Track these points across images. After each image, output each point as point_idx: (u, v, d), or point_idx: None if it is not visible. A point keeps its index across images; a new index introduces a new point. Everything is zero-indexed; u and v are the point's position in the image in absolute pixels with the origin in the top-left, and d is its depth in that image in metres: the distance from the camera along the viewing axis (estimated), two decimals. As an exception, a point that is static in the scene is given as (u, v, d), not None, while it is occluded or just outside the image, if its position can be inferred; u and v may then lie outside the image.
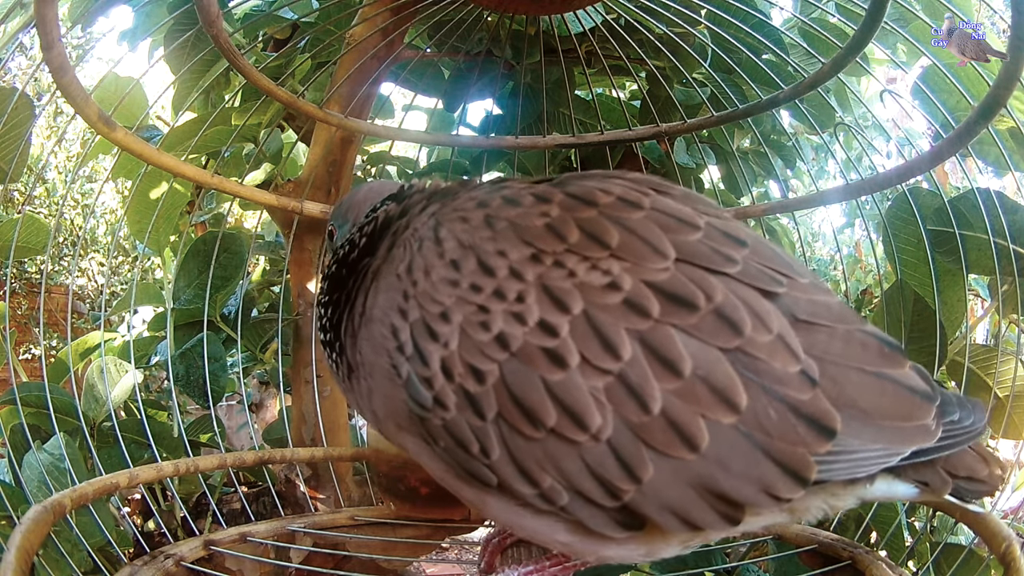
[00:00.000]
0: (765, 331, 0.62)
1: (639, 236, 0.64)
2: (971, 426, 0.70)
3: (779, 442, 0.61)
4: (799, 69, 1.33)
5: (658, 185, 0.72)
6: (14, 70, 4.60)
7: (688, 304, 0.62)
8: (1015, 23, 0.81)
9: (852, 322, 0.68)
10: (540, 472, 0.62)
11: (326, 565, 1.22)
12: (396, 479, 1.22)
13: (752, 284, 0.64)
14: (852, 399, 0.64)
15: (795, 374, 0.62)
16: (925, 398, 0.67)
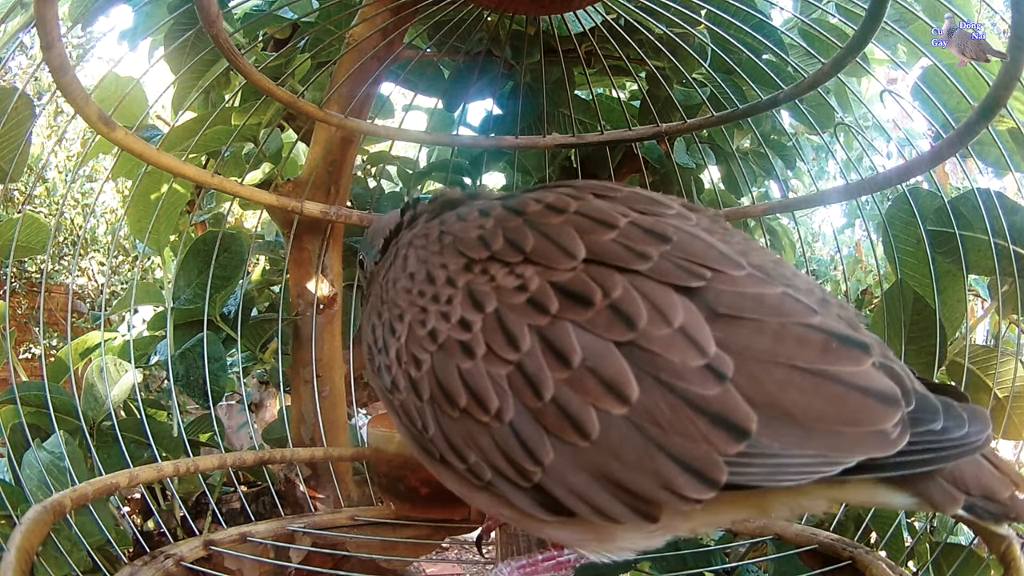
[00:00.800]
0: (664, 325, 0.63)
1: (552, 240, 0.69)
2: (962, 439, 0.61)
3: (675, 437, 0.61)
4: (799, 69, 1.33)
5: (601, 189, 0.75)
6: (14, 69, 4.61)
7: (585, 301, 0.65)
8: (1015, 23, 0.81)
9: (794, 315, 0.64)
10: (466, 448, 0.69)
11: (326, 565, 1.22)
12: (396, 479, 1.22)
13: (663, 279, 0.65)
14: (774, 398, 0.61)
15: (697, 368, 0.62)
16: (883, 401, 0.61)
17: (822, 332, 0.63)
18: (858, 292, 3.26)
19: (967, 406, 0.65)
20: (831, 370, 0.61)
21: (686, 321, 0.63)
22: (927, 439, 0.61)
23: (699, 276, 0.65)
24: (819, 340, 0.63)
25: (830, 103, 1.45)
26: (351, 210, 1.53)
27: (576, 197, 0.73)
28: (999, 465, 0.66)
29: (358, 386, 2.17)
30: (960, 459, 0.63)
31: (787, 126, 1.93)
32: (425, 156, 2.19)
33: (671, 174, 1.81)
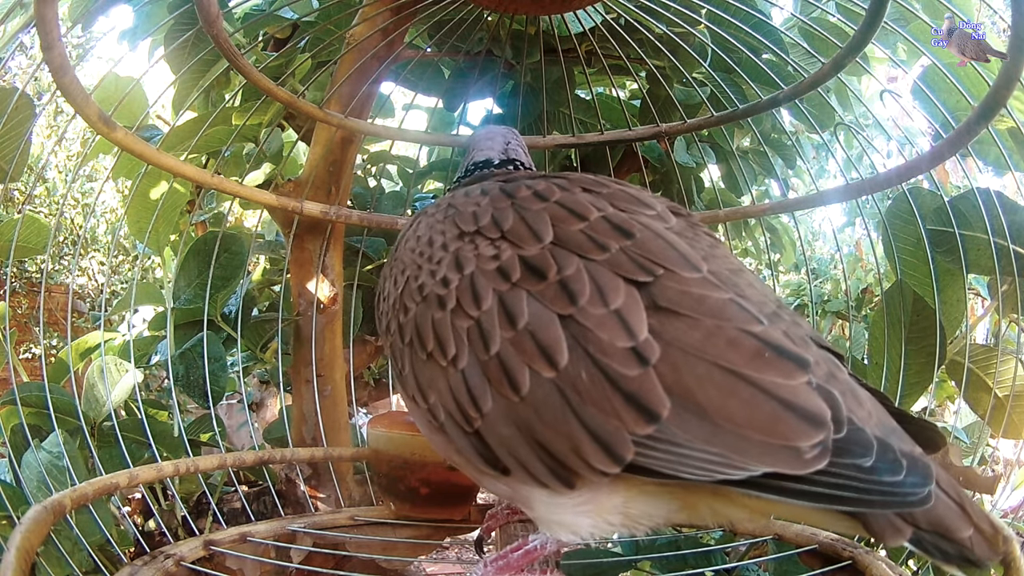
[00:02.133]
0: (602, 305, 0.67)
1: (528, 223, 0.75)
2: (892, 485, 0.59)
3: (590, 407, 0.64)
4: (799, 69, 1.32)
5: (592, 184, 0.81)
6: (14, 69, 4.61)
7: (540, 274, 0.70)
8: (1015, 23, 0.81)
9: (732, 319, 0.65)
10: (428, 389, 0.75)
11: (326, 565, 1.22)
12: (396, 479, 1.23)
13: (615, 269, 0.69)
14: (690, 391, 0.62)
15: (623, 349, 0.64)
16: (805, 418, 0.60)
17: (757, 340, 0.64)
18: (858, 290, 3.27)
19: (917, 456, 0.62)
20: (755, 376, 0.62)
21: (623, 305, 0.66)
22: (848, 473, 0.60)
23: (649, 272, 0.68)
24: (752, 346, 0.63)
25: (830, 103, 1.44)
26: (351, 210, 1.53)
27: (564, 188, 0.79)
28: (961, 499, 0.62)
29: (358, 385, 2.17)
30: (890, 509, 0.60)
31: (787, 125, 1.93)
32: (425, 155, 2.19)
33: (671, 173, 1.81)
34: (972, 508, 0.62)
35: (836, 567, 1.06)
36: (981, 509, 0.63)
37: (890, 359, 1.34)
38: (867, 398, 0.67)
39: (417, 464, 1.20)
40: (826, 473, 0.59)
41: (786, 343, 0.64)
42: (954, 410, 2.40)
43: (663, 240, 0.71)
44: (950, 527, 0.60)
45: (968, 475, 1.03)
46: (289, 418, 1.62)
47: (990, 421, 1.28)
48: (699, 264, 0.69)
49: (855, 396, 0.65)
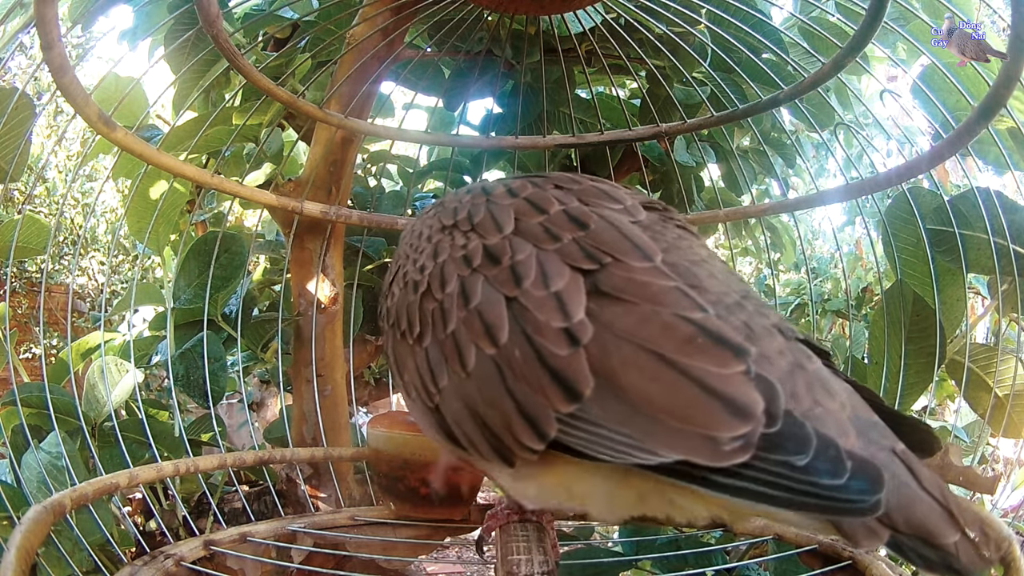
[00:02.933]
0: (543, 288, 0.69)
1: (494, 217, 0.79)
2: (828, 488, 0.55)
3: (522, 384, 0.66)
4: (799, 68, 1.33)
5: (566, 181, 0.83)
6: (14, 69, 4.61)
7: (496, 260, 0.74)
8: (1015, 23, 0.81)
9: (672, 306, 0.64)
10: (402, 366, 0.81)
11: (326, 565, 1.22)
12: (396, 479, 1.23)
13: (564, 257, 0.71)
14: (615, 372, 0.62)
15: (557, 329, 0.66)
16: (729, 408, 0.58)
17: (693, 326, 0.63)
18: (858, 289, 3.27)
19: (868, 458, 0.57)
20: (682, 362, 0.61)
21: (564, 288, 0.68)
22: (778, 471, 0.56)
23: (596, 260, 0.69)
24: (685, 332, 0.62)
25: (830, 102, 1.44)
26: (351, 210, 1.53)
27: (536, 185, 0.82)
28: (947, 501, 0.57)
29: (358, 385, 2.17)
30: (827, 515, 0.56)
31: (787, 124, 1.93)
32: (425, 155, 2.19)
33: (671, 172, 1.81)
34: (961, 511, 0.57)
35: (836, 567, 1.06)
36: (975, 512, 0.58)
37: (890, 359, 1.34)
38: (843, 392, 0.64)
39: (417, 464, 1.20)
40: (751, 467, 0.57)
41: (726, 331, 0.63)
42: (954, 409, 2.40)
43: (618, 231, 0.72)
44: (933, 531, 0.55)
45: (968, 475, 1.03)
46: (289, 418, 1.62)
47: (990, 420, 1.28)
48: (653, 254, 0.69)
49: (825, 389, 0.62)
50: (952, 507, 0.57)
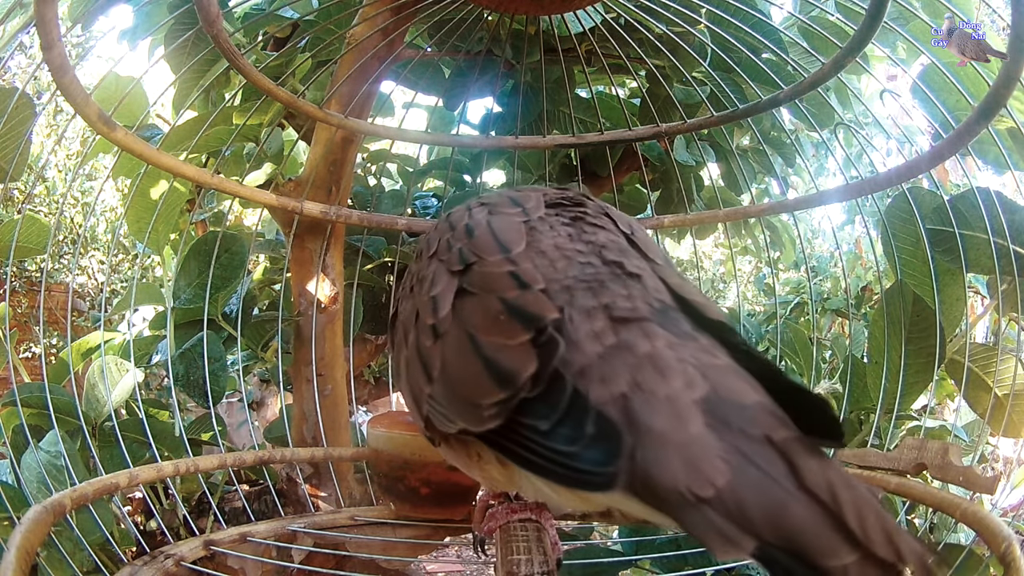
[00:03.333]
0: (427, 294, 0.74)
1: (428, 242, 0.84)
2: (567, 457, 0.53)
3: (414, 374, 0.73)
4: (798, 68, 1.33)
5: (490, 198, 0.87)
6: (13, 68, 4.60)
7: (420, 280, 0.80)
8: (1015, 23, 0.81)
9: (499, 290, 0.67)
10: (398, 370, 0.81)
11: (326, 565, 1.22)
12: (396, 479, 1.23)
13: (447, 265, 0.75)
14: (447, 358, 0.68)
15: (427, 325, 0.72)
16: (495, 377, 0.59)
17: (503, 304, 0.65)
18: (858, 288, 3.27)
19: (617, 425, 0.53)
20: (480, 338, 0.64)
21: (440, 291, 0.73)
22: (527, 435, 0.57)
23: (466, 262, 0.73)
24: (495, 310, 0.65)
25: (829, 102, 1.45)
26: (351, 210, 1.53)
27: (468, 208, 0.85)
28: (843, 513, 0.46)
29: (358, 384, 2.18)
30: (568, 486, 0.55)
31: (787, 123, 1.93)
32: (425, 154, 2.20)
33: (671, 172, 1.81)
34: (866, 524, 0.46)
35: (836, 567, 1.06)
36: (893, 528, 0.47)
37: (890, 359, 1.34)
38: (710, 373, 0.56)
39: (417, 464, 1.20)
40: (510, 432, 0.58)
41: (530, 305, 0.63)
42: (954, 408, 2.40)
43: (491, 234, 0.75)
44: (808, 546, 0.45)
45: (968, 475, 1.03)
46: (289, 417, 1.62)
47: (990, 420, 1.28)
48: (512, 247, 0.72)
49: (663, 368, 0.56)
50: (850, 516, 0.46)
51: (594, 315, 0.62)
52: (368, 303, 1.80)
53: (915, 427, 1.66)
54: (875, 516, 0.46)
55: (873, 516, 0.46)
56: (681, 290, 0.68)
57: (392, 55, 1.48)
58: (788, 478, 0.48)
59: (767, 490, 0.47)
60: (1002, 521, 0.91)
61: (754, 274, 5.72)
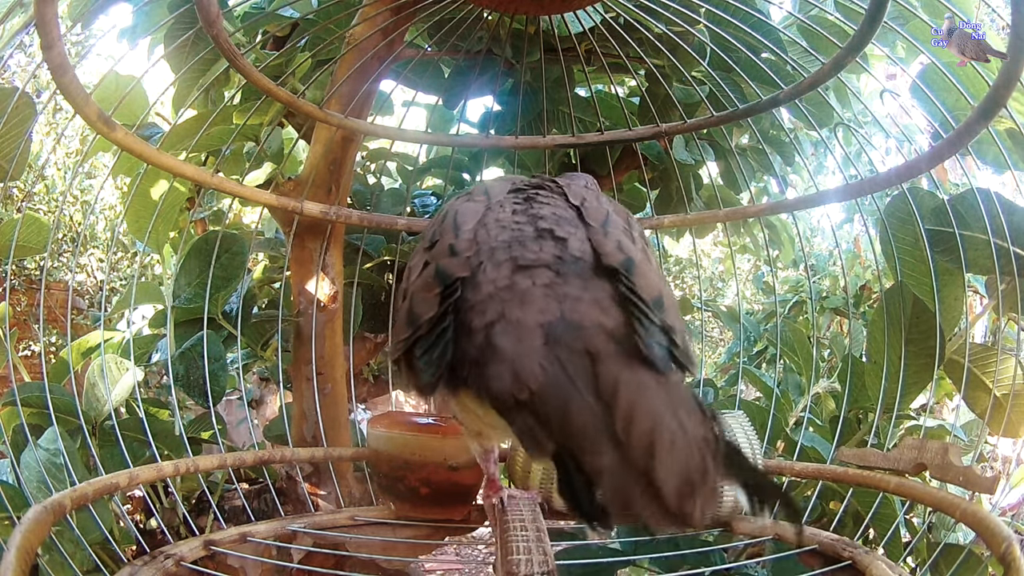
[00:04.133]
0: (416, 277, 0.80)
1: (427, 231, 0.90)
2: (423, 369, 0.67)
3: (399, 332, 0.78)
4: (798, 68, 1.33)
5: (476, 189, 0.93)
6: (13, 67, 4.60)
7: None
8: (1015, 23, 0.81)
9: (439, 257, 0.76)
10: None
11: (326, 564, 1.22)
12: (396, 479, 1.23)
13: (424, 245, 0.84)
14: (399, 310, 0.79)
15: (403, 289, 0.81)
16: (408, 319, 0.72)
17: (436, 268, 0.74)
18: (857, 287, 3.27)
19: (488, 346, 0.63)
20: (411, 293, 0.75)
21: (413, 263, 0.83)
22: (414, 361, 0.68)
23: (432, 241, 0.81)
24: (429, 272, 0.74)
25: (829, 102, 1.45)
26: (351, 210, 1.53)
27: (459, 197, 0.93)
28: (618, 406, 0.55)
29: (358, 382, 2.18)
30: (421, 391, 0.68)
31: (786, 122, 1.93)
32: (425, 152, 2.19)
33: (670, 170, 1.81)
34: (633, 431, 0.53)
35: (836, 567, 1.07)
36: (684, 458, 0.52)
37: (889, 359, 1.34)
38: (564, 301, 0.66)
39: (417, 464, 1.21)
40: (410, 359, 0.70)
41: (449, 267, 0.73)
42: (952, 407, 2.40)
43: (454, 217, 0.83)
44: (578, 443, 0.54)
45: (968, 475, 1.03)
46: (289, 415, 1.62)
47: (989, 421, 1.28)
48: (463, 226, 0.80)
49: (528, 302, 0.67)
50: (620, 418, 0.53)
51: (502, 265, 0.72)
52: (368, 302, 1.80)
53: (914, 426, 1.66)
54: (664, 434, 0.53)
55: (659, 434, 0.53)
56: (596, 243, 0.75)
57: (392, 55, 1.48)
58: (587, 385, 0.56)
59: (564, 393, 0.55)
60: (1002, 521, 0.92)
61: (753, 272, 5.72)
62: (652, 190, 1.95)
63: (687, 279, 6.97)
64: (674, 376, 0.61)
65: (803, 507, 1.42)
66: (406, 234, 1.66)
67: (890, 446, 1.33)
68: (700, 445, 0.54)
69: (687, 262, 6.67)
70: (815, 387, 1.78)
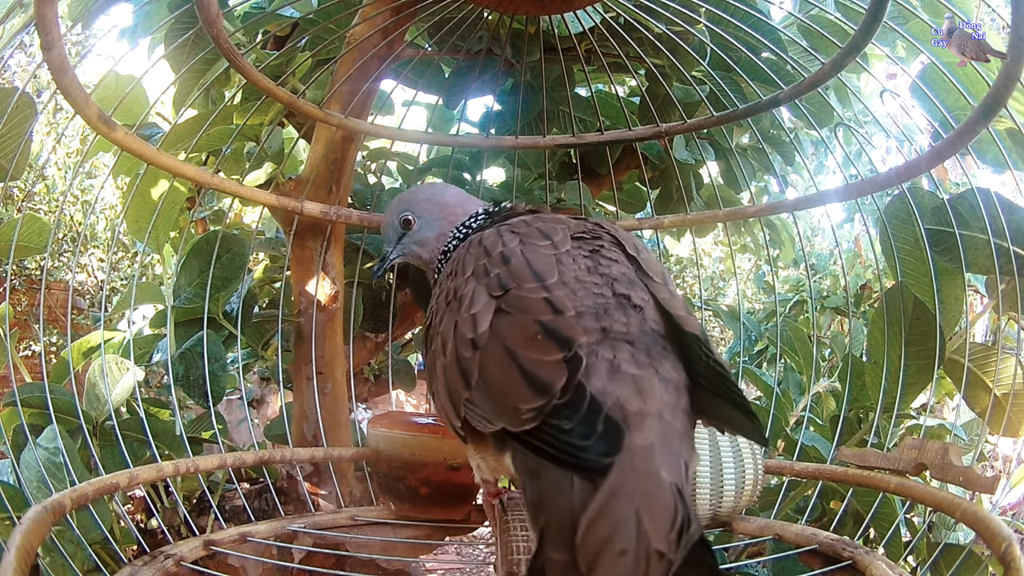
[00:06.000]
0: (467, 311, 0.83)
1: (464, 263, 0.93)
2: (579, 449, 0.65)
3: (452, 378, 0.83)
4: (797, 67, 1.33)
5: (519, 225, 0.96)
6: (13, 67, 4.60)
7: (457, 296, 0.88)
8: (1015, 23, 0.81)
9: (534, 312, 0.78)
10: (430, 367, 0.92)
11: (326, 564, 1.22)
12: (396, 479, 1.23)
13: (487, 288, 0.85)
14: (485, 367, 0.77)
15: (466, 339, 0.81)
16: (533, 386, 0.70)
17: (540, 326, 0.75)
18: (857, 287, 3.27)
19: (619, 423, 0.66)
20: (521, 353, 0.74)
21: (479, 311, 0.82)
22: (553, 433, 0.67)
23: (505, 287, 0.83)
24: (532, 331, 0.75)
25: (829, 101, 1.45)
26: (351, 210, 1.53)
27: (500, 235, 0.94)
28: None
29: (358, 381, 2.18)
30: (571, 470, 0.65)
31: (786, 122, 1.93)
32: (425, 152, 2.19)
33: (670, 170, 1.81)
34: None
35: (836, 567, 1.07)
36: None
37: (890, 359, 1.34)
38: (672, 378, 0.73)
39: (417, 464, 1.21)
40: (541, 431, 0.68)
41: (563, 329, 0.75)
42: (953, 406, 2.41)
43: (528, 264, 0.85)
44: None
45: (968, 475, 1.03)
46: (290, 415, 1.62)
47: (989, 420, 1.28)
48: (546, 278, 0.82)
49: (654, 369, 0.73)
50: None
51: (600, 338, 0.75)
52: (368, 301, 1.80)
53: (914, 426, 1.66)
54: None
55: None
56: (668, 305, 0.81)
57: (392, 54, 1.48)
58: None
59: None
60: (1002, 521, 0.91)
61: (754, 272, 5.73)
62: (652, 190, 1.95)
63: (688, 278, 6.97)
64: None
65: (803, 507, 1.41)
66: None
67: (890, 446, 1.33)
68: None
69: (688, 261, 6.67)
70: (815, 386, 1.78)
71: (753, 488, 1.16)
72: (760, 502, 1.42)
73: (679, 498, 0.62)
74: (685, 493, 0.63)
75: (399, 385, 1.94)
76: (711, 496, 1.13)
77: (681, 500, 0.61)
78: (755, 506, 1.25)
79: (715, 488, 1.13)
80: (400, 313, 1.90)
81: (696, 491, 1.13)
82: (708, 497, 1.13)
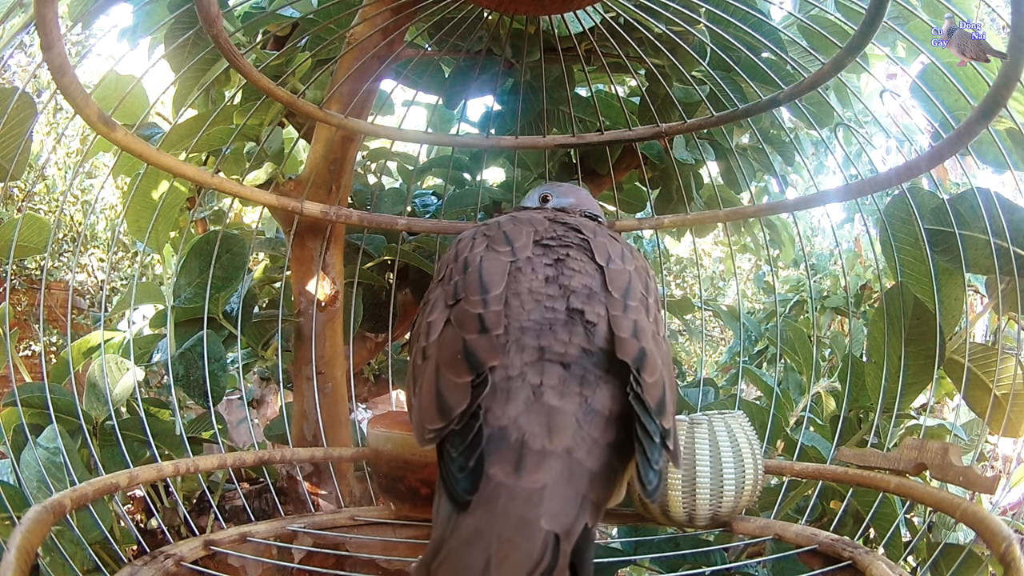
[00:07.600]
0: (428, 318, 0.85)
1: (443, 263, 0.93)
2: (455, 478, 0.66)
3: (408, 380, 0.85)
4: (797, 67, 1.33)
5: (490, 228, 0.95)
6: (13, 67, 4.60)
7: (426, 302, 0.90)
8: (1015, 23, 0.81)
9: (466, 329, 0.78)
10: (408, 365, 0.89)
11: (326, 564, 1.22)
12: (396, 479, 1.23)
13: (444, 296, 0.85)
14: (422, 378, 0.78)
15: (422, 347, 0.82)
16: (439, 409, 0.71)
17: (463, 344, 0.75)
18: (857, 287, 3.27)
19: (481, 463, 0.66)
20: (443, 372, 0.74)
21: (433, 319, 0.82)
22: (444, 457, 0.69)
23: (456, 297, 0.83)
24: (456, 349, 0.75)
25: (829, 101, 1.45)
26: (351, 210, 1.53)
27: (474, 236, 0.93)
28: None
29: (358, 381, 2.18)
30: (453, 500, 0.65)
31: (786, 122, 1.93)
32: (425, 152, 2.20)
33: (670, 170, 1.81)
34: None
35: (836, 567, 1.07)
36: None
37: (890, 359, 1.34)
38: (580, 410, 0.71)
39: (417, 464, 1.21)
40: (440, 452, 0.70)
41: (479, 349, 0.74)
42: (953, 406, 2.41)
43: (478, 273, 0.84)
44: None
45: (968, 475, 1.03)
46: (289, 415, 1.62)
47: (989, 420, 1.28)
48: (491, 289, 0.81)
49: (582, 398, 0.72)
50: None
51: (527, 351, 0.75)
52: (368, 301, 1.80)
53: (914, 426, 1.66)
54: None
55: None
56: (615, 324, 0.78)
57: (392, 54, 1.48)
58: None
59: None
60: (1002, 521, 0.91)
61: (753, 272, 5.73)
62: (652, 190, 1.95)
63: (688, 278, 6.98)
64: None
65: (803, 507, 1.42)
66: (407, 234, 1.66)
67: (890, 446, 1.33)
68: None
69: (688, 261, 6.67)
70: (815, 386, 1.78)
71: (753, 488, 1.16)
72: (760, 502, 1.42)
73: (553, 547, 0.60)
74: (573, 539, 0.62)
75: (399, 385, 1.94)
76: (711, 496, 1.13)
77: (554, 550, 0.60)
78: (755, 506, 1.25)
79: (715, 488, 1.13)
80: (400, 313, 1.90)
81: (696, 491, 1.13)
82: (708, 497, 1.13)
